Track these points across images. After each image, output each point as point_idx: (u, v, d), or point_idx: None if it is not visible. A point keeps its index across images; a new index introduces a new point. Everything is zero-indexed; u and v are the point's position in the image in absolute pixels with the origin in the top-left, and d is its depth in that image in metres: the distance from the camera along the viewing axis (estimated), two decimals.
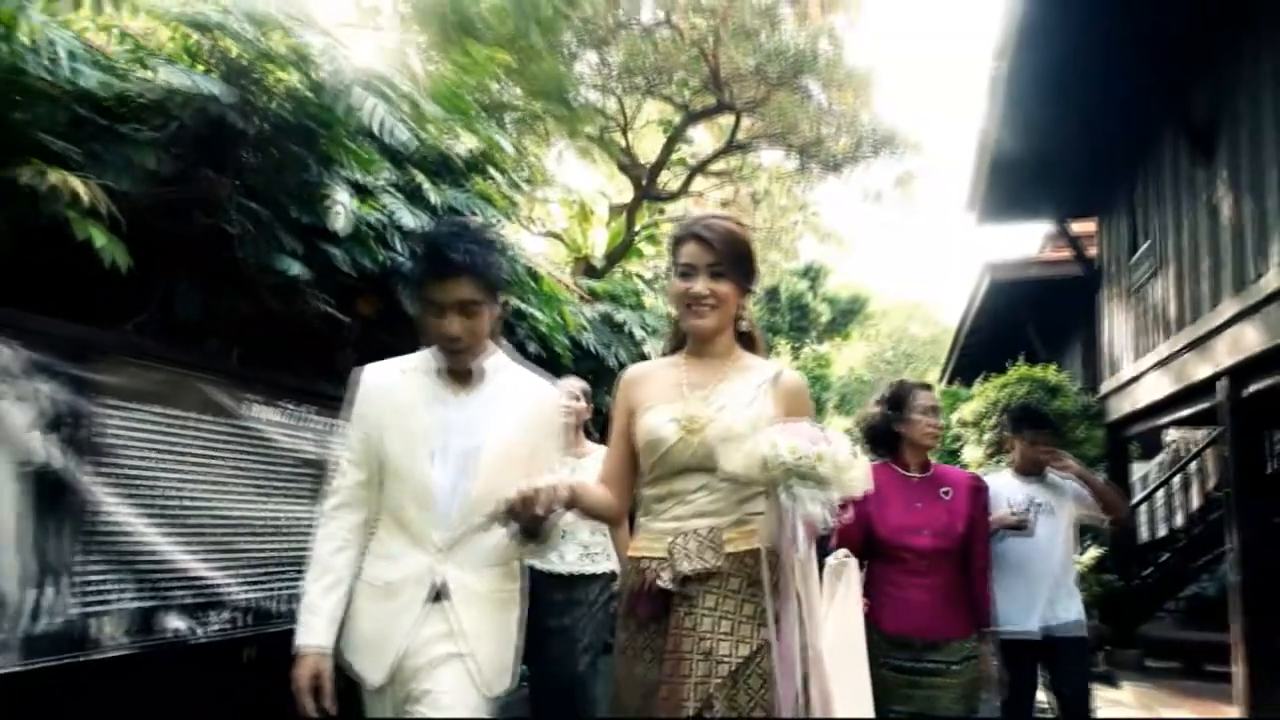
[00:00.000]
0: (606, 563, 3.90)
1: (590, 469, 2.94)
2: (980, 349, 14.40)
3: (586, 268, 10.55)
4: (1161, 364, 6.64)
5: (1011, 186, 8.25)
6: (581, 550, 3.89)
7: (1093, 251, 9.08)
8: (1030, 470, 3.82)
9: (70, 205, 2.61)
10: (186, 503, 3.47)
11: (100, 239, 2.71)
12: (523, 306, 4.47)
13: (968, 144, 7.71)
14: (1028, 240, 11.19)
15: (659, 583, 1.93)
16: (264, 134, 3.23)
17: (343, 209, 3.43)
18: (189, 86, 2.95)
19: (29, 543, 2.92)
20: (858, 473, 1.84)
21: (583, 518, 2.18)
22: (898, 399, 3.23)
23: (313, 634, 2.12)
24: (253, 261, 3.29)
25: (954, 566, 3.08)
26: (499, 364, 2.25)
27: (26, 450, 2.90)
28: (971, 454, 10.19)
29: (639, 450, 2.07)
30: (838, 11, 11.27)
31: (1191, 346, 5.98)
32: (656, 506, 2.04)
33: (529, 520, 1.88)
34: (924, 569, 3.03)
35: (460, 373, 2.19)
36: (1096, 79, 6.18)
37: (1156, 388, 6.79)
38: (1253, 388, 5.21)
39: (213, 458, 3.51)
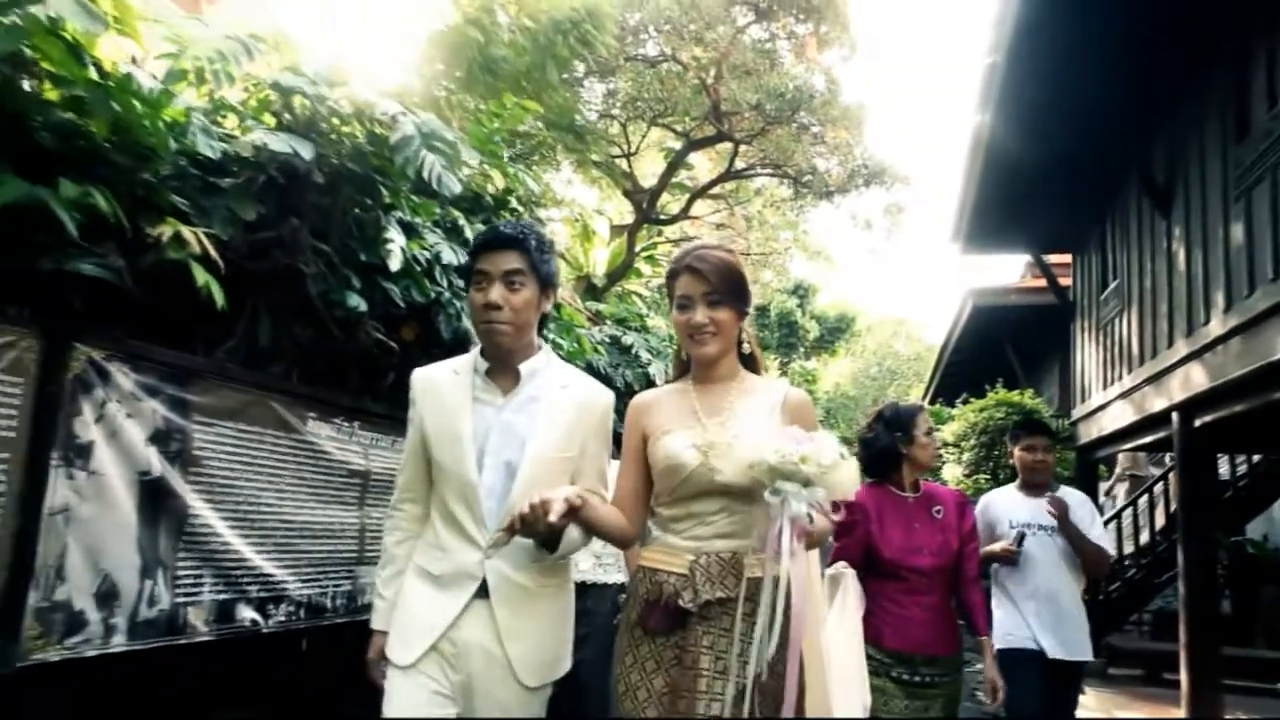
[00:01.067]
0: (618, 574, 3.99)
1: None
2: (962, 370, 14.98)
3: (587, 285, 11.04)
4: (1124, 395, 7.21)
5: (993, 221, 8.80)
6: (594, 559, 3.98)
7: (1067, 281, 9.67)
8: (1033, 486, 3.85)
9: (179, 247, 3.08)
10: (259, 508, 3.95)
11: (202, 279, 3.19)
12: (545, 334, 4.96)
13: (955, 174, 8.25)
14: (1010, 264, 11.72)
15: (680, 602, 1.97)
16: (333, 182, 3.71)
17: (397, 247, 3.91)
18: (279, 146, 3.43)
19: (141, 542, 3.41)
20: (845, 473, 1.86)
21: (590, 533, 2.16)
22: (901, 421, 3.23)
23: (380, 618, 2.26)
24: (322, 295, 3.77)
25: (948, 583, 3.13)
26: (544, 363, 2.27)
27: (142, 461, 3.39)
28: (951, 472, 10.74)
29: (655, 474, 2.11)
30: (833, 48, 11.85)
31: (1150, 381, 6.55)
32: (675, 525, 2.08)
33: (542, 530, 1.92)
34: (924, 587, 3.05)
35: (505, 372, 2.22)
36: (1073, 129, 6.72)
37: (1120, 416, 7.36)
38: (1200, 420, 5.79)
39: (279, 468, 3.99)
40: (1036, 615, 3.68)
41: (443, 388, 2.24)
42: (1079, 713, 5.70)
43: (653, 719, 1.96)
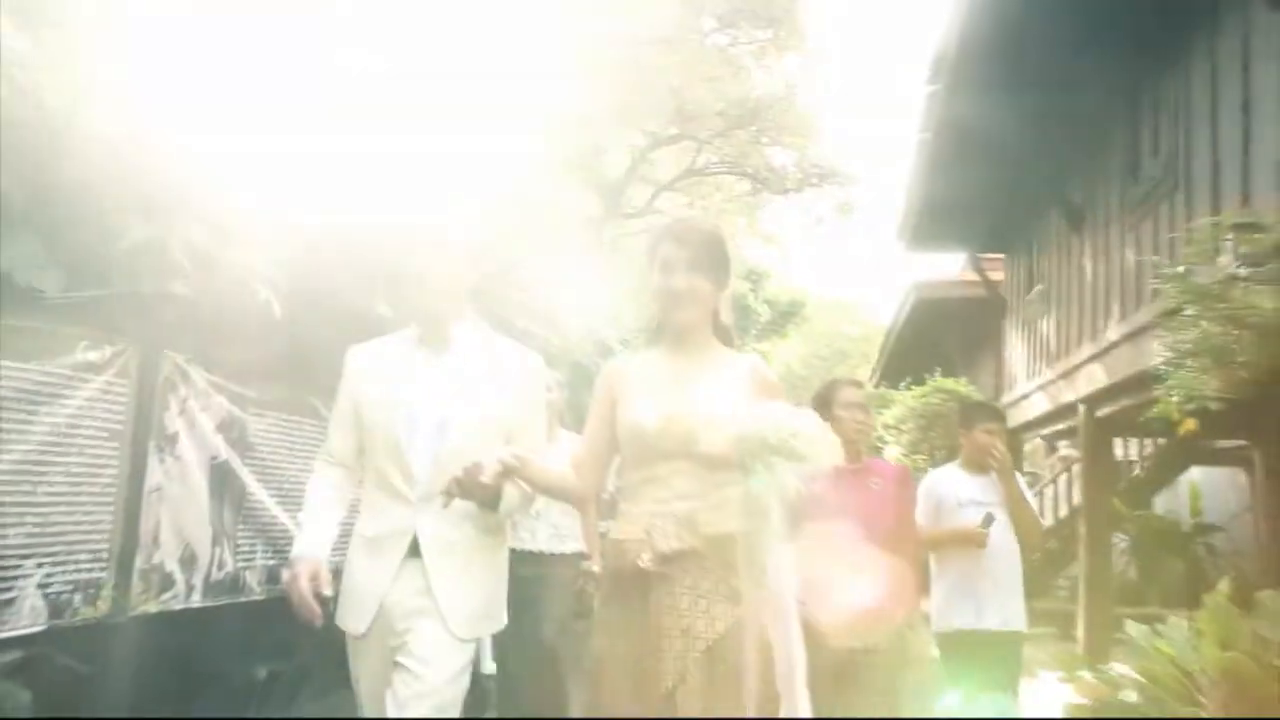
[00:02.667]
0: (575, 544, 4.06)
1: (560, 457, 2.93)
2: (906, 357, 15.90)
3: None
4: (1043, 387, 8.15)
5: (934, 224, 9.65)
6: (552, 530, 4.03)
7: (998, 276, 10.61)
8: (978, 466, 3.82)
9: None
10: (298, 485, 4.61)
11: (264, 294, 3.81)
12: None
13: (904, 172, 9.05)
14: (955, 255, 12.65)
15: (640, 563, 1.98)
16: None
17: None
18: None
19: (211, 515, 4.05)
20: (829, 446, 1.90)
21: (541, 494, 2.27)
22: (824, 397, 3.32)
23: (302, 544, 2.26)
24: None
25: (882, 555, 3.10)
26: (473, 329, 2.35)
27: (212, 448, 4.03)
28: (890, 454, 11.67)
29: (621, 438, 2.13)
30: (790, 54, 12.60)
31: (1063, 376, 7.48)
32: (638, 491, 2.10)
33: (479, 491, 2.03)
34: (850, 556, 3.00)
35: (437, 337, 2.30)
36: (1005, 149, 7.52)
37: (1039, 405, 8.31)
38: (1101, 411, 6.72)
39: (312, 450, 4.65)
40: (984, 590, 3.66)
41: (378, 356, 2.32)
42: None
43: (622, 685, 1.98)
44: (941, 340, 14.41)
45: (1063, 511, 10.48)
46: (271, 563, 4.46)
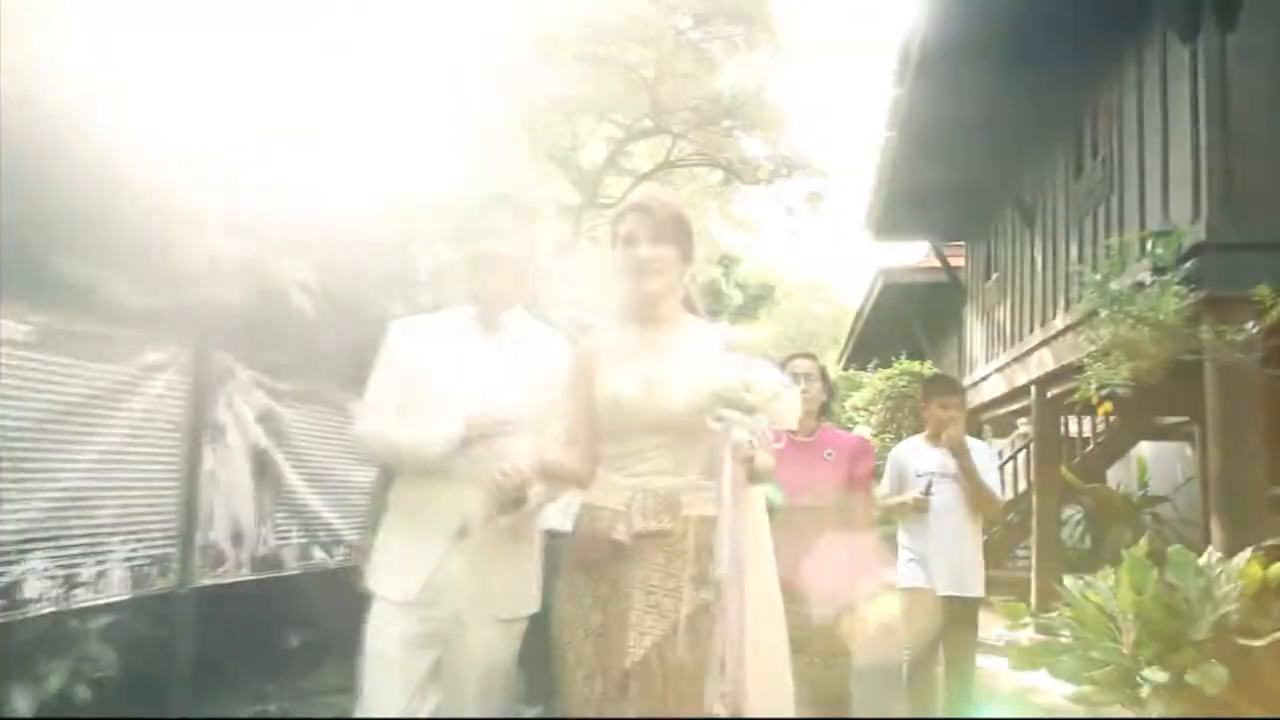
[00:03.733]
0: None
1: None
2: (874, 339, 16.51)
3: None
4: (1000, 370, 8.78)
5: (900, 214, 10.24)
6: (563, 508, 4.90)
7: (959, 261, 11.23)
8: (939, 438, 3.91)
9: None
10: (325, 470, 5.07)
11: (298, 299, 4.26)
12: None
13: (871, 163, 9.61)
14: (919, 243, 13.23)
15: (614, 535, 1.98)
16: None
17: None
18: None
19: (254, 498, 4.50)
20: (787, 404, 1.87)
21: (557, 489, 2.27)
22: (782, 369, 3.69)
23: (439, 435, 2.16)
24: None
25: (832, 523, 3.19)
26: (524, 317, 2.38)
27: (254, 437, 4.48)
28: (860, 433, 12.29)
29: (600, 413, 2.11)
30: (760, 49, 13.08)
31: (1017, 359, 8.10)
32: (617, 462, 2.07)
33: (510, 502, 2.03)
34: (805, 526, 3.07)
35: (487, 321, 2.31)
36: (965, 147, 8.10)
37: (996, 386, 8.94)
38: (1050, 393, 7.34)
39: (339, 440, 5.10)
40: (937, 557, 3.81)
41: (429, 332, 2.32)
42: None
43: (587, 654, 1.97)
44: (908, 323, 15.01)
45: (1022, 486, 11.16)
46: (304, 541, 4.93)
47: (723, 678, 1.75)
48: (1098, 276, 3.63)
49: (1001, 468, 11.38)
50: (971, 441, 4.10)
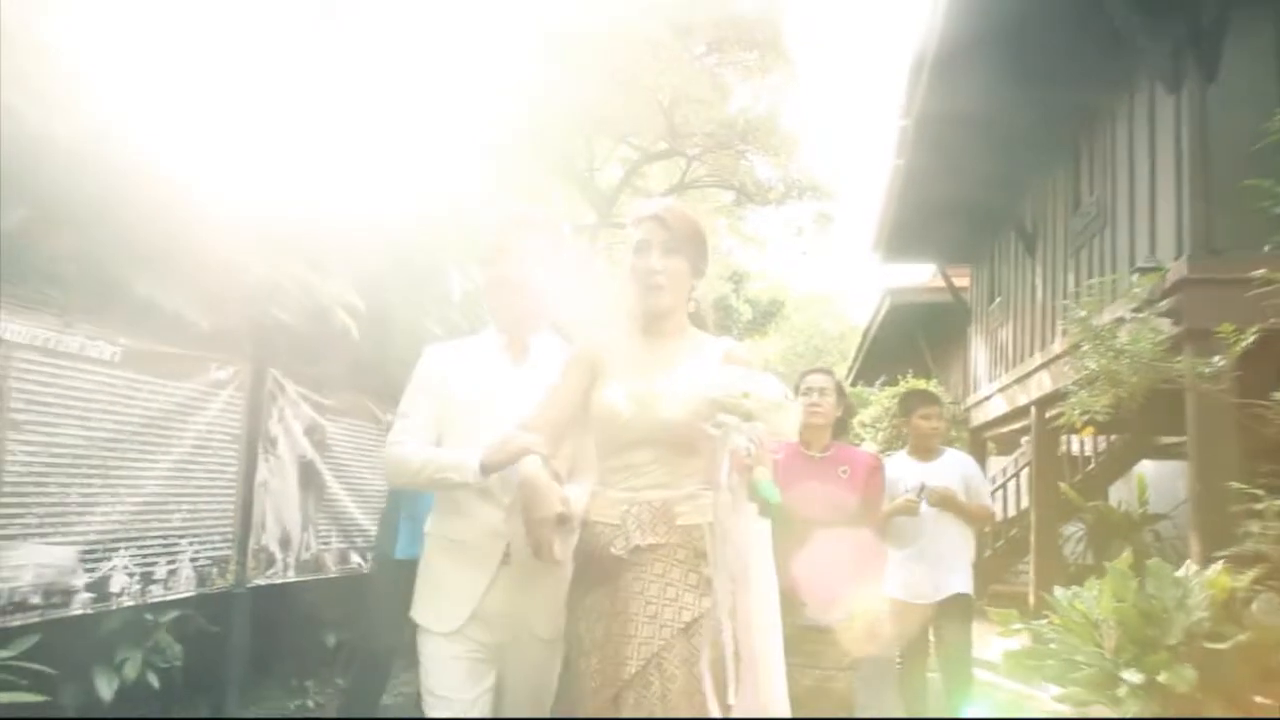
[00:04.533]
0: None
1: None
2: (881, 357, 16.82)
3: None
4: (1002, 390, 9.08)
5: (907, 238, 10.58)
6: None
7: (964, 282, 11.54)
8: (923, 452, 4.11)
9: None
10: (363, 481, 5.40)
11: (341, 319, 4.59)
12: None
13: (879, 182, 9.96)
14: (925, 265, 13.56)
15: (611, 550, 1.98)
16: None
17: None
18: None
19: (300, 506, 4.85)
20: (788, 415, 1.87)
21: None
22: (796, 386, 3.41)
23: (469, 460, 2.09)
24: None
25: (844, 537, 3.20)
26: (550, 340, 2.36)
27: (300, 448, 4.83)
28: (868, 449, 12.60)
29: (595, 422, 2.10)
30: (772, 74, 13.46)
31: (1018, 381, 8.40)
32: (612, 477, 2.07)
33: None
34: (818, 539, 3.12)
35: (516, 344, 2.32)
36: (969, 175, 8.44)
37: (999, 406, 9.24)
38: (1049, 414, 7.64)
39: (374, 451, 5.44)
40: (922, 563, 3.99)
41: (461, 358, 2.31)
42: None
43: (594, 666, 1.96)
44: (915, 342, 15.29)
45: (1025, 503, 11.44)
46: (343, 546, 5.27)
47: (728, 687, 1.80)
48: (1082, 313, 3.96)
49: (1004, 485, 11.74)
50: (958, 456, 4.29)
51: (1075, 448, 11.86)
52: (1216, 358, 3.41)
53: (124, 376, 3.56)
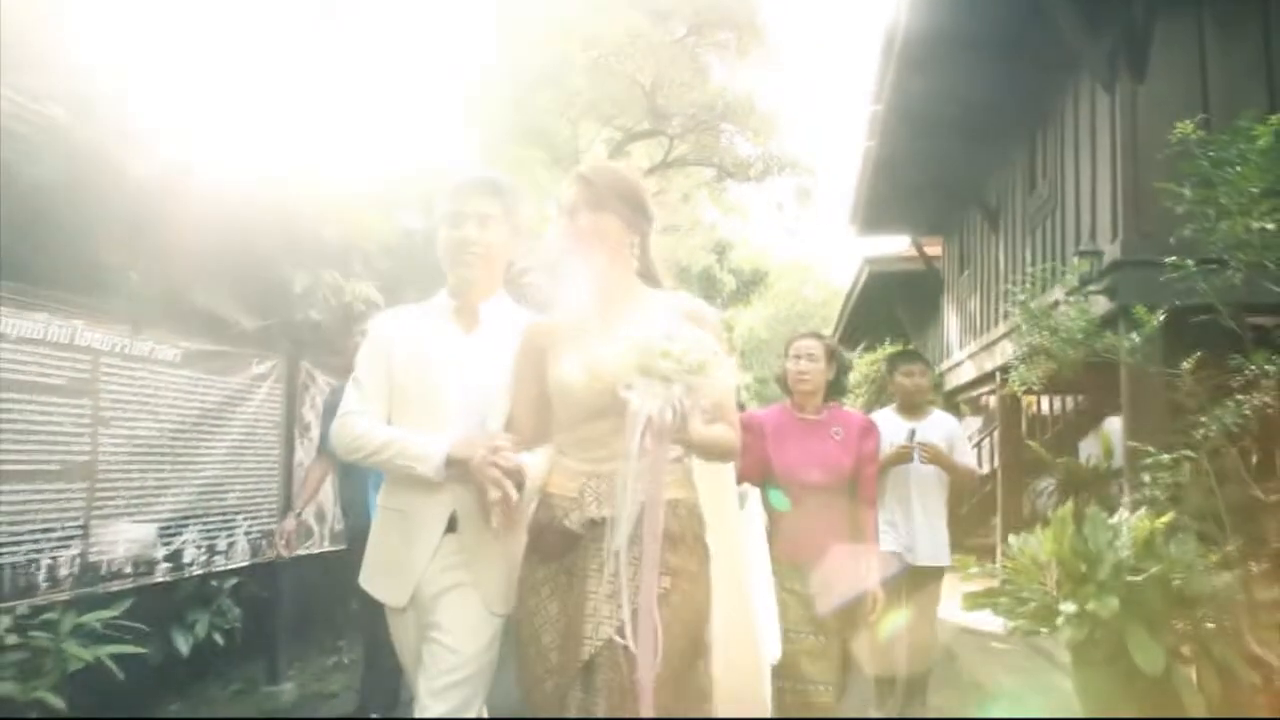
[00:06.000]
0: None
1: None
2: (862, 323, 17.36)
3: None
4: (971, 356, 9.67)
5: (880, 212, 11.10)
6: None
7: (937, 251, 12.13)
8: (910, 409, 4.14)
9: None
10: None
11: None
12: None
13: (854, 159, 10.47)
14: (900, 237, 14.11)
15: (566, 523, 1.91)
16: None
17: None
18: None
19: (338, 487, 5.36)
20: (714, 374, 1.75)
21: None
22: (785, 349, 3.44)
23: (435, 444, 2.05)
24: None
25: (841, 499, 3.21)
26: (503, 307, 2.28)
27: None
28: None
29: (552, 397, 2.03)
30: (750, 55, 13.87)
31: (984, 348, 8.99)
32: (569, 449, 2.01)
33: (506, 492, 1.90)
34: (815, 502, 3.13)
35: (468, 310, 2.23)
36: (937, 153, 8.95)
37: (969, 371, 9.84)
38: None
39: None
40: (910, 529, 4.04)
41: (410, 322, 2.25)
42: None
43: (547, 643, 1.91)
44: (893, 310, 15.84)
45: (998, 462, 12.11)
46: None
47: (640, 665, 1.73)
48: (1021, 297, 4.50)
49: (979, 445, 12.38)
50: (943, 416, 4.34)
51: (1046, 408, 12.55)
52: (1133, 334, 3.94)
53: (185, 375, 4.05)
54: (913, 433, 4.00)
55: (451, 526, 2.10)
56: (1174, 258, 3.78)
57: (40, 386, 3.28)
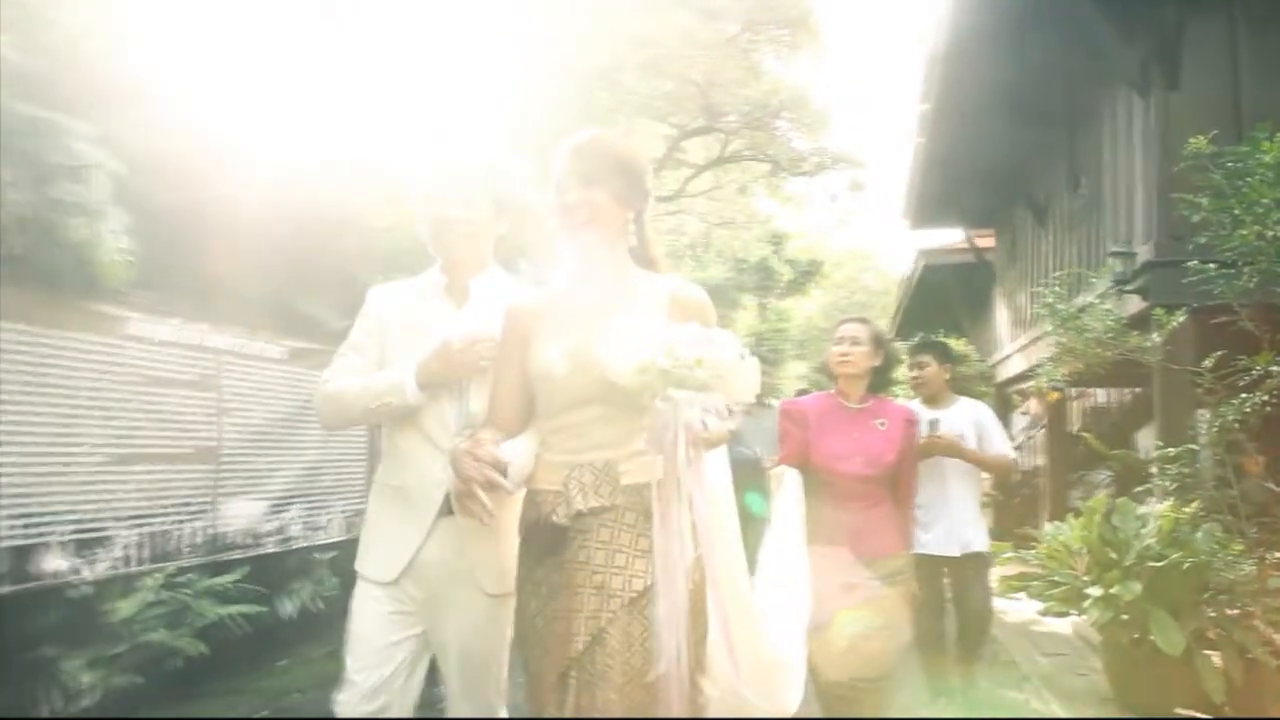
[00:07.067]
0: None
1: None
2: (918, 314, 17.42)
3: None
4: (1021, 349, 9.84)
5: (933, 207, 11.30)
6: None
7: (989, 243, 12.28)
8: (930, 399, 4.10)
9: None
10: None
11: None
12: None
13: (903, 161, 10.70)
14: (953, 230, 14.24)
15: (554, 518, 1.86)
16: None
17: None
18: None
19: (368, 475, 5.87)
20: (744, 378, 1.72)
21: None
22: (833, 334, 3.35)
23: (405, 374, 2.06)
24: None
25: (882, 491, 3.16)
26: (493, 281, 2.25)
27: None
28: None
29: (533, 385, 1.94)
30: (803, 51, 14.10)
31: (1034, 341, 9.16)
32: (552, 440, 1.93)
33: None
34: (855, 493, 3.09)
35: (459, 287, 2.22)
36: (986, 149, 9.12)
37: (1018, 364, 10.01)
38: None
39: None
40: (936, 520, 3.96)
41: (404, 297, 2.24)
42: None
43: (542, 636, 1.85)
44: (948, 301, 15.92)
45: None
46: None
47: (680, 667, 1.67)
48: (1049, 299, 4.77)
49: (1033, 437, 12.49)
50: (970, 404, 4.26)
51: (1102, 399, 12.57)
52: (1155, 335, 4.20)
53: (290, 370, 4.59)
54: (932, 423, 3.90)
55: (447, 506, 2.03)
56: (1194, 261, 4.02)
57: (174, 381, 3.83)
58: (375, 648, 2.08)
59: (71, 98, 3.37)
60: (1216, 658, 4.17)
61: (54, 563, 3.18)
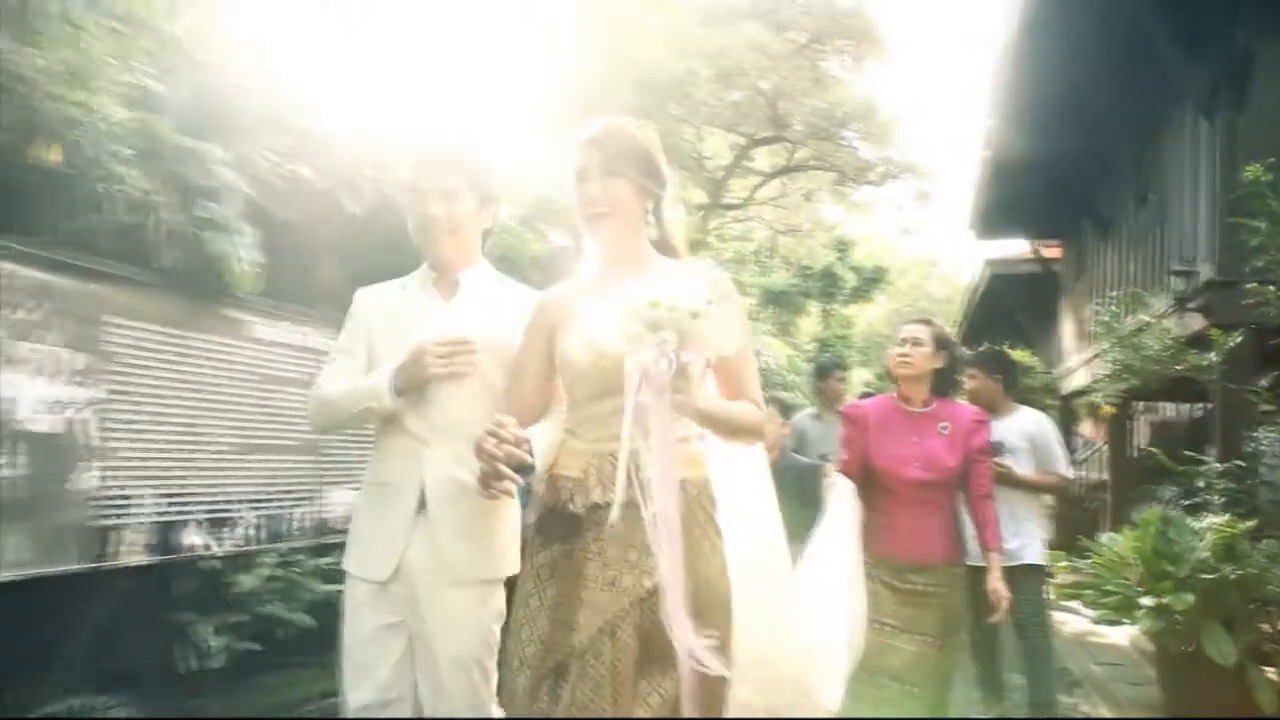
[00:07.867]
0: None
1: None
2: (984, 324, 17.34)
3: None
4: (1086, 362, 9.85)
5: (999, 218, 11.35)
6: None
7: (1055, 254, 12.28)
8: (990, 409, 3.88)
9: None
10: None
11: None
12: None
13: (969, 172, 10.79)
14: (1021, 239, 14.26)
15: (570, 507, 1.85)
16: None
17: None
18: None
19: None
20: (709, 323, 1.65)
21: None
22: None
23: (381, 380, 2.06)
24: None
25: (942, 497, 3.10)
26: (482, 275, 2.26)
27: None
28: None
29: (560, 374, 1.96)
30: (871, 58, 14.21)
31: (1097, 355, 9.17)
32: (578, 429, 1.93)
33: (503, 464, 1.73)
34: (914, 498, 3.05)
35: (446, 281, 2.22)
36: (1049, 166, 9.19)
37: (1082, 377, 10.01)
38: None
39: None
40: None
41: (389, 298, 2.26)
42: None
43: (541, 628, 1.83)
44: (1013, 312, 15.82)
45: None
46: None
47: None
48: (1106, 318, 4.92)
49: (1100, 450, 12.39)
50: (1028, 415, 4.22)
51: (1170, 413, 12.40)
52: (1211, 354, 4.33)
53: None
54: (999, 445, 3.85)
55: (423, 502, 2.06)
56: (1254, 283, 4.15)
57: (283, 379, 4.24)
58: (371, 646, 2.12)
59: (206, 126, 3.79)
60: (1271, 671, 4.27)
61: (190, 538, 3.61)
